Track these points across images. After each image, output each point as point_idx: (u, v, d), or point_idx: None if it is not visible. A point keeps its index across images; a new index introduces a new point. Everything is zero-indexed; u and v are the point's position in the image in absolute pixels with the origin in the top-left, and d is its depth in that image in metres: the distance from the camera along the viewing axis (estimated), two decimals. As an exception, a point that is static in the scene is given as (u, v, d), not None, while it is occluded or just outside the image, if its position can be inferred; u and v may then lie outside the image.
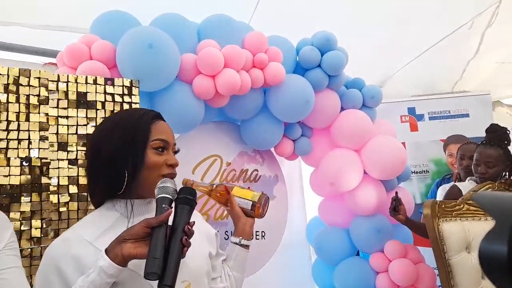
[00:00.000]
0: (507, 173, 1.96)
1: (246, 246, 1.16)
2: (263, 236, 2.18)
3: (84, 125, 1.41)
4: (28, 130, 1.30)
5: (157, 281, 0.79)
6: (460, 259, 1.76)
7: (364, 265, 2.22)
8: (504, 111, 3.21)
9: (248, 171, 2.19)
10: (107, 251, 0.82)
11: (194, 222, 0.88)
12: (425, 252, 2.26)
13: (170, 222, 0.86)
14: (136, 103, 1.56)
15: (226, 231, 2.04)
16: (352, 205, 2.21)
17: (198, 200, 1.76)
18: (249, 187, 1.24)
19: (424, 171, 2.90)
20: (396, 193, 2.06)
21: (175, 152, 1.02)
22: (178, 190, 0.91)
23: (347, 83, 2.23)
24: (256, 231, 2.16)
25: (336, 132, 2.15)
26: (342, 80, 2.11)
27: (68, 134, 1.38)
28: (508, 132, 1.96)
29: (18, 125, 1.28)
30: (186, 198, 0.89)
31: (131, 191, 0.94)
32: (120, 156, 0.92)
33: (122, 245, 0.81)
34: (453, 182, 2.43)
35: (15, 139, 1.27)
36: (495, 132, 1.96)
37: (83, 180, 1.36)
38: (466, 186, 2.08)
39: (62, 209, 1.33)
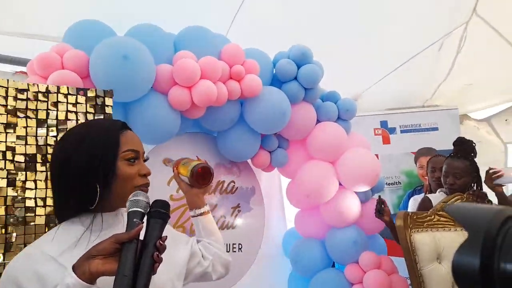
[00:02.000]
0: (475, 184, 2.03)
1: (204, 213, 1.19)
2: (240, 248, 2.16)
3: (54, 136, 1.37)
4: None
5: None
6: (432, 269, 1.80)
7: (339, 276, 2.23)
8: (471, 125, 3.35)
9: (225, 183, 2.18)
10: (74, 268, 0.78)
11: (166, 236, 0.85)
12: (398, 262, 2.30)
13: (141, 236, 0.83)
14: (109, 114, 1.53)
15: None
16: (327, 217, 2.23)
17: (174, 212, 1.73)
18: (197, 158, 1.24)
19: (396, 182, 2.97)
20: (379, 196, 2.11)
21: (145, 161, 1.00)
22: (150, 204, 0.88)
23: (323, 96, 2.27)
24: (233, 243, 2.13)
25: (312, 144, 2.18)
26: (317, 93, 2.15)
27: (36, 145, 1.34)
28: (474, 144, 2.05)
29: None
30: (159, 212, 0.86)
31: (102, 204, 0.91)
32: (91, 169, 0.89)
33: (90, 261, 0.78)
34: (424, 194, 2.50)
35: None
36: (462, 145, 2.05)
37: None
38: (437, 197, 2.14)
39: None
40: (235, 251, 2.12)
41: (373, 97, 3.11)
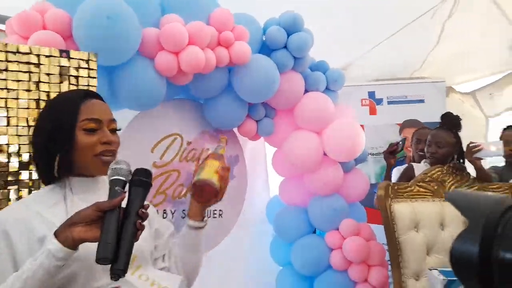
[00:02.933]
0: (456, 157, 2.09)
1: (193, 227, 1.10)
2: (220, 215, 2.19)
3: (35, 99, 1.33)
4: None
5: (109, 266, 0.78)
6: (409, 237, 1.88)
7: (320, 242, 2.31)
8: (456, 97, 3.39)
9: (209, 151, 2.17)
10: (56, 234, 0.80)
11: (148, 205, 0.87)
12: (377, 229, 2.39)
13: (123, 204, 0.84)
14: (93, 77, 1.49)
15: (184, 210, 2.03)
16: (311, 185, 2.27)
17: (156, 179, 1.71)
18: (221, 165, 1.09)
19: (380, 153, 3.03)
20: (405, 138, 2.16)
21: (115, 130, 0.99)
22: (132, 172, 0.89)
23: (312, 65, 2.24)
24: (214, 210, 2.16)
25: (299, 114, 2.18)
26: (307, 62, 2.12)
27: (17, 108, 1.30)
28: (460, 119, 2.10)
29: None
30: (141, 180, 0.87)
31: (72, 172, 0.95)
32: (51, 140, 0.92)
33: (72, 228, 0.79)
34: (406, 164, 2.56)
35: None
36: (449, 119, 2.11)
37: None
38: (420, 167, 2.22)
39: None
40: (215, 217, 2.16)
41: (361, 67, 3.09)
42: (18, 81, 1.31)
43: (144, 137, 1.91)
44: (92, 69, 1.48)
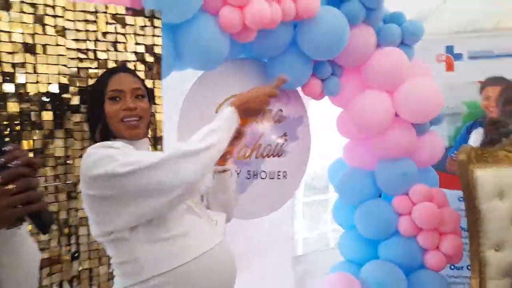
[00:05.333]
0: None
1: (219, 171, 1.25)
2: (284, 176, 2.16)
3: (104, 59, 1.33)
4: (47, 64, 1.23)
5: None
6: (491, 206, 1.72)
7: (387, 207, 2.22)
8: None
9: (272, 111, 2.12)
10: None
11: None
12: (449, 194, 2.24)
13: None
14: (158, 36, 1.45)
15: (248, 171, 2.02)
16: (380, 148, 2.14)
17: None
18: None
19: (456, 113, 2.78)
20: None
21: (141, 96, 1.12)
22: None
23: (385, 17, 2.04)
24: (278, 171, 2.13)
25: (369, 71, 2.02)
26: (380, 14, 1.93)
27: (79, 68, 1.30)
28: None
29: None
30: None
31: (113, 137, 1.10)
32: (92, 109, 1.14)
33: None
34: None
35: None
36: None
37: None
38: None
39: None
40: (279, 178, 2.13)
41: (438, 18, 2.77)
42: (85, 41, 1.30)
43: (208, 98, 1.88)
44: (157, 27, 1.45)
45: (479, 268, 1.71)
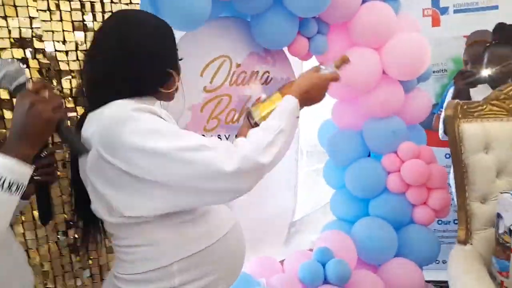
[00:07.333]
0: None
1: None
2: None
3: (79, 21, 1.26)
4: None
5: None
6: (477, 159, 1.74)
7: (376, 165, 2.23)
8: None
9: (259, 73, 2.07)
10: None
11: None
12: (436, 152, 2.26)
13: None
14: (135, -5, 1.38)
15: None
16: (368, 107, 2.13)
17: (208, 104, 1.71)
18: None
19: (442, 70, 2.75)
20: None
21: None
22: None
23: (370, -31, 1.96)
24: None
25: (356, 27, 1.96)
26: (366, -34, 1.85)
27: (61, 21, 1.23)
28: None
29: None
30: None
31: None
32: (168, 56, 1.03)
33: None
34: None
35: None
36: (504, 31, 1.86)
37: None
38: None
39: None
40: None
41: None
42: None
43: (192, 61, 1.81)
44: (134, -14, 1.36)
45: (466, 219, 1.76)
